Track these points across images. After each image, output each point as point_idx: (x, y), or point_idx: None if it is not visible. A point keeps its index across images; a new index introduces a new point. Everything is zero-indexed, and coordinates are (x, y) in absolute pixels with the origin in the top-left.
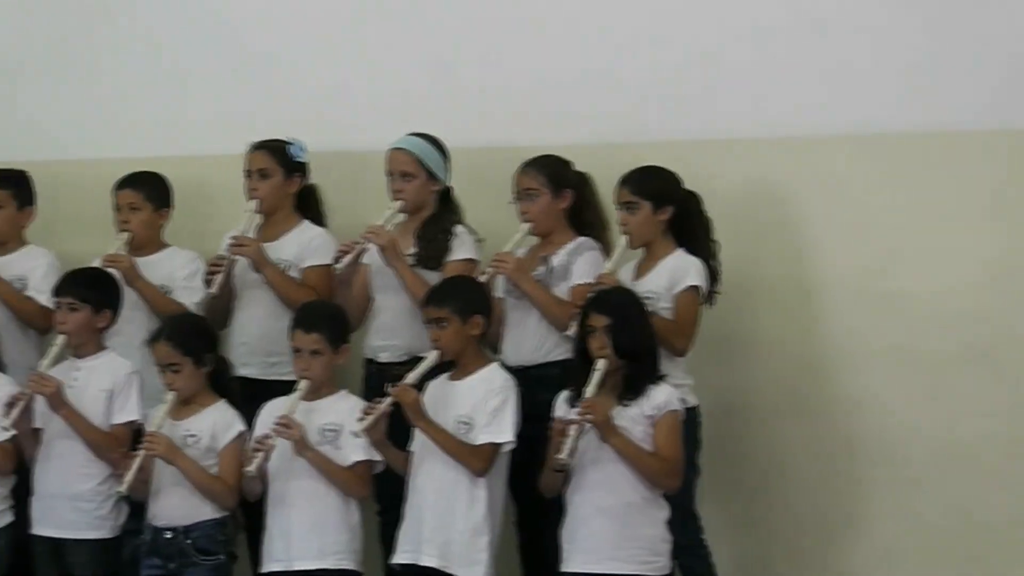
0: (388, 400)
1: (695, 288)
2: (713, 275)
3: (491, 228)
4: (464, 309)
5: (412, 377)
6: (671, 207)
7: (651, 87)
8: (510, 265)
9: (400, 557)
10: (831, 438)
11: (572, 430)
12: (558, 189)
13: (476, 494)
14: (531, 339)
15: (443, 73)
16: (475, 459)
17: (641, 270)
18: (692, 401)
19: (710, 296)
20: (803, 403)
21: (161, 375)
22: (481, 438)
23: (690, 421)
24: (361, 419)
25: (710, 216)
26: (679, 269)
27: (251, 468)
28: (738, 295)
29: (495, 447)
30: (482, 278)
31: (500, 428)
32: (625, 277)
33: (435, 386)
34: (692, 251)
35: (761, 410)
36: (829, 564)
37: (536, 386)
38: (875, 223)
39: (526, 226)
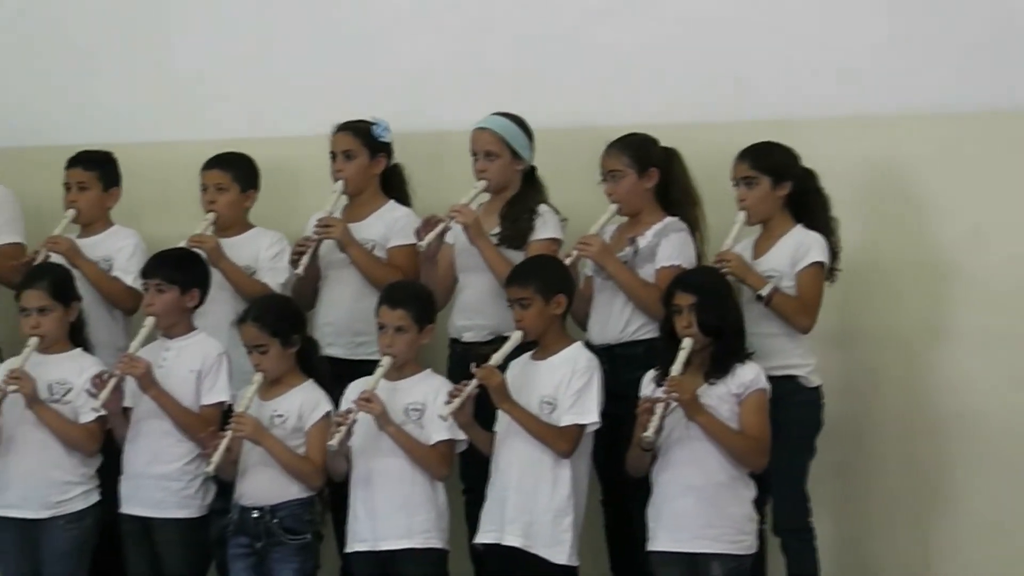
0: (473, 382)
1: (819, 264)
2: (833, 252)
3: (574, 208)
4: (547, 289)
5: (496, 358)
6: (790, 182)
7: (746, 64)
8: (594, 247)
9: (483, 536)
10: (920, 417)
11: (658, 408)
12: (643, 168)
13: (560, 474)
14: (617, 318)
15: (526, 52)
16: (560, 441)
17: (760, 247)
18: (815, 381)
19: (831, 273)
20: (901, 384)
21: (249, 356)
22: (565, 419)
23: (811, 402)
24: (448, 402)
25: (827, 194)
26: (802, 245)
27: (333, 443)
28: (851, 277)
29: (580, 428)
30: (567, 260)
31: (585, 409)
32: (743, 255)
33: (518, 365)
34: (811, 228)
35: (861, 390)
36: (925, 542)
37: (621, 365)
38: (1005, 202)
39: (613, 207)
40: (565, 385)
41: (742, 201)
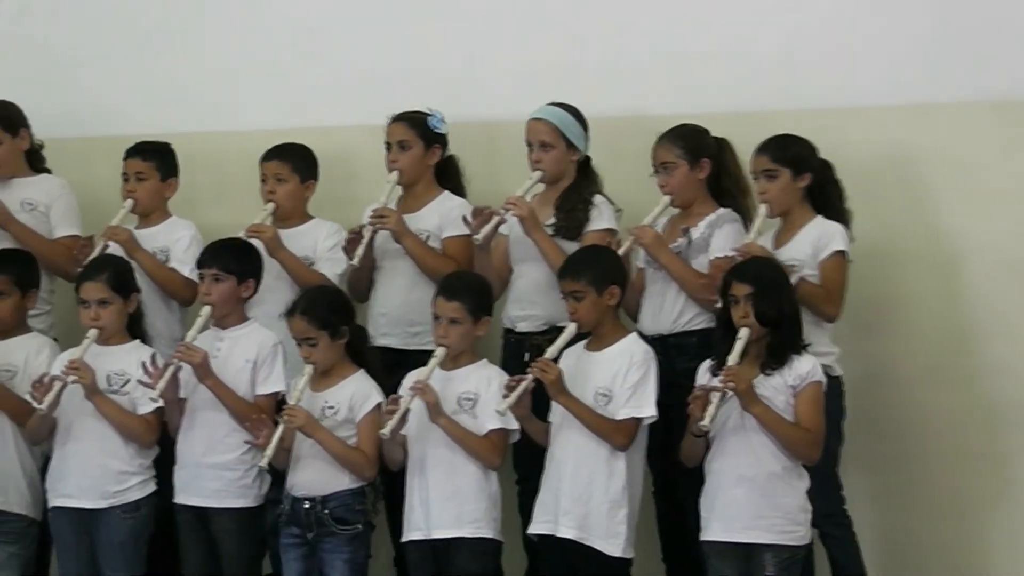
0: (530, 376)
1: (842, 253)
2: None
3: (628, 198)
4: (600, 280)
5: (551, 352)
6: (809, 174)
7: (785, 55)
8: (647, 238)
9: (537, 528)
10: (972, 408)
11: (714, 397)
12: (695, 159)
13: (615, 466)
14: (670, 308)
15: (580, 42)
16: (617, 434)
17: (781, 239)
18: (837, 371)
19: None
20: (943, 373)
21: (299, 348)
22: (623, 412)
23: (834, 390)
24: (505, 396)
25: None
26: (823, 235)
27: (385, 431)
28: (876, 265)
29: (637, 422)
30: (620, 251)
31: (642, 402)
32: (765, 246)
33: (572, 356)
34: (828, 219)
35: (901, 380)
36: (969, 533)
37: (674, 355)
38: (1015, 190)
39: (666, 199)
40: (622, 377)
41: (763, 194)
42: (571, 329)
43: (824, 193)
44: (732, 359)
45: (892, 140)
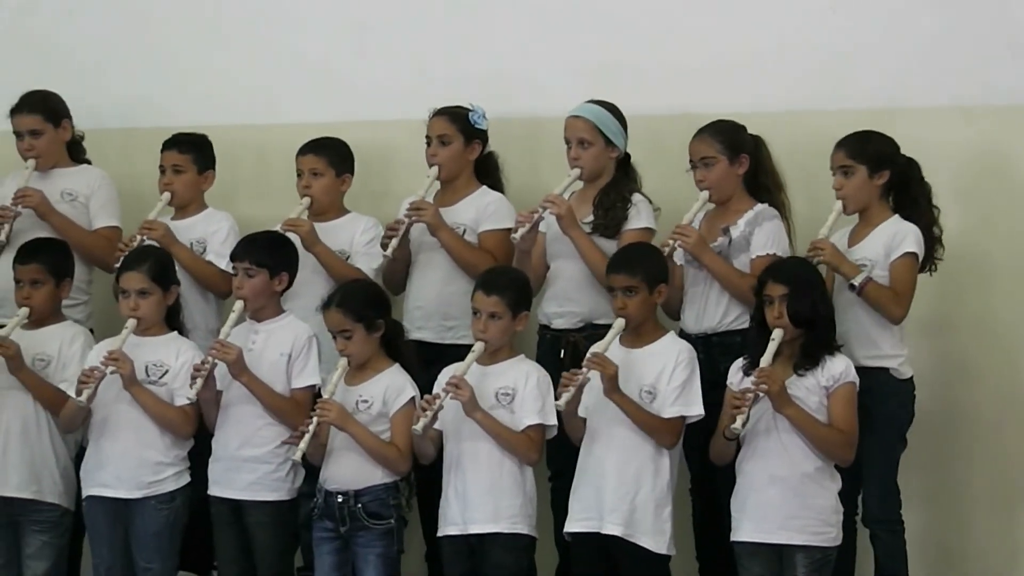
0: (586, 372)
1: (913, 255)
2: (934, 242)
3: (666, 196)
4: (653, 277)
5: (602, 346)
6: (887, 171)
7: (843, 51)
8: (692, 238)
9: (578, 525)
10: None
11: (747, 399)
12: (735, 155)
13: (661, 464)
14: (714, 308)
15: (621, 39)
16: (666, 432)
17: (855, 236)
18: (907, 372)
19: (930, 263)
20: (997, 376)
21: (334, 341)
22: (670, 411)
23: (903, 392)
24: (563, 392)
25: (929, 184)
26: (896, 235)
27: (417, 427)
28: (958, 269)
29: (683, 420)
30: (665, 250)
31: (690, 401)
32: (839, 244)
33: (613, 354)
34: (913, 218)
35: (956, 381)
36: (1016, 537)
37: (718, 354)
38: None
39: (704, 195)
40: (668, 376)
41: (839, 190)
42: (620, 324)
43: (909, 192)
44: (765, 360)
45: (950, 140)
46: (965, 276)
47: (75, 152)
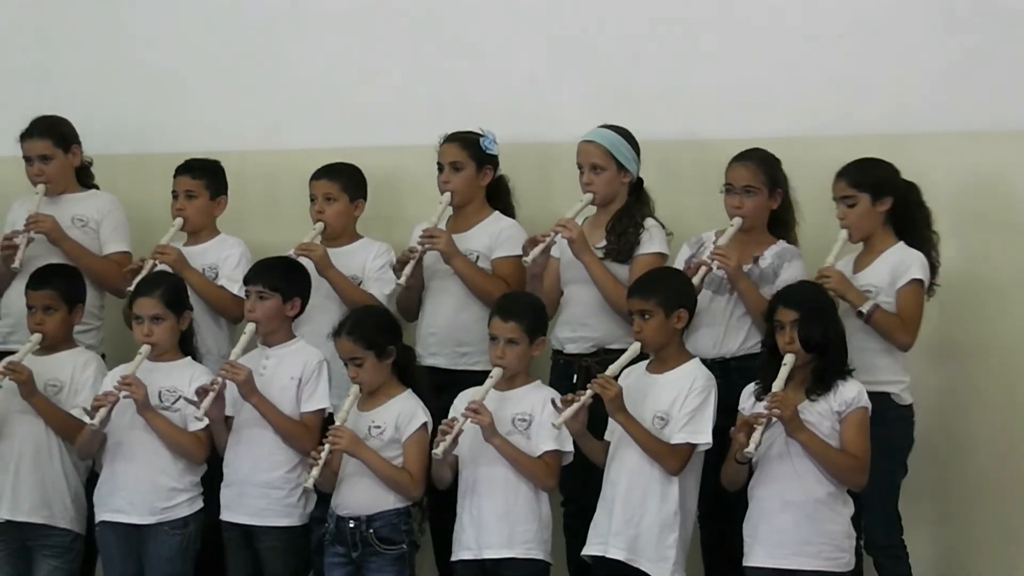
0: (588, 392)
1: (919, 282)
2: (932, 267)
3: (679, 221)
4: (669, 302)
5: (613, 369)
6: (890, 198)
7: (844, 80)
8: (734, 262)
9: (590, 548)
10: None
11: (759, 423)
12: (773, 188)
13: (668, 490)
14: (735, 333)
15: (634, 64)
16: (671, 458)
17: (860, 263)
18: (907, 399)
19: (930, 288)
20: (1000, 400)
21: (346, 368)
22: (678, 437)
23: (903, 419)
24: (559, 410)
25: (929, 208)
26: (902, 262)
27: (438, 451)
28: (955, 294)
29: (691, 447)
30: (697, 274)
31: (699, 429)
32: (844, 270)
33: (632, 377)
34: (912, 243)
35: (959, 406)
36: (1017, 561)
37: (736, 379)
38: None
39: (738, 221)
40: (681, 402)
41: (843, 219)
42: (634, 348)
43: (909, 216)
44: (777, 385)
45: (953, 165)
46: (968, 300)
47: (83, 177)
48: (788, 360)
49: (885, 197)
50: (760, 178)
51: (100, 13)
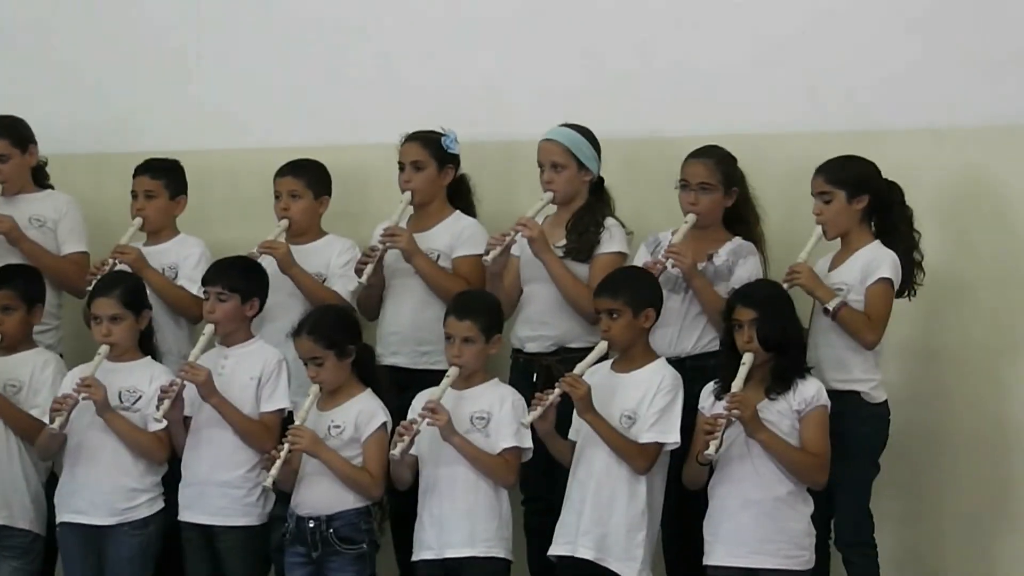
0: (556, 391)
1: (887, 281)
2: (914, 267)
3: (640, 220)
4: (638, 301)
5: (581, 368)
6: (867, 196)
7: (820, 75)
8: (688, 260)
9: (557, 548)
10: (1003, 434)
11: (719, 424)
12: (729, 186)
13: (636, 489)
14: (690, 331)
15: (596, 64)
16: (639, 458)
17: (836, 261)
18: (880, 396)
19: (909, 288)
20: (974, 399)
21: (305, 368)
22: (646, 436)
23: (876, 417)
24: (531, 410)
25: (912, 208)
26: (873, 260)
27: (395, 452)
28: (938, 293)
29: (659, 446)
30: (657, 268)
31: (667, 428)
32: (820, 268)
33: (599, 376)
34: (891, 242)
35: (934, 405)
36: (991, 560)
37: (690, 378)
38: None
39: (692, 218)
40: (648, 401)
41: (819, 215)
42: (602, 347)
43: (889, 216)
44: (736, 385)
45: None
46: (944, 300)
47: (38, 177)
48: (747, 359)
49: (862, 195)
50: (716, 175)
51: (57, 11)
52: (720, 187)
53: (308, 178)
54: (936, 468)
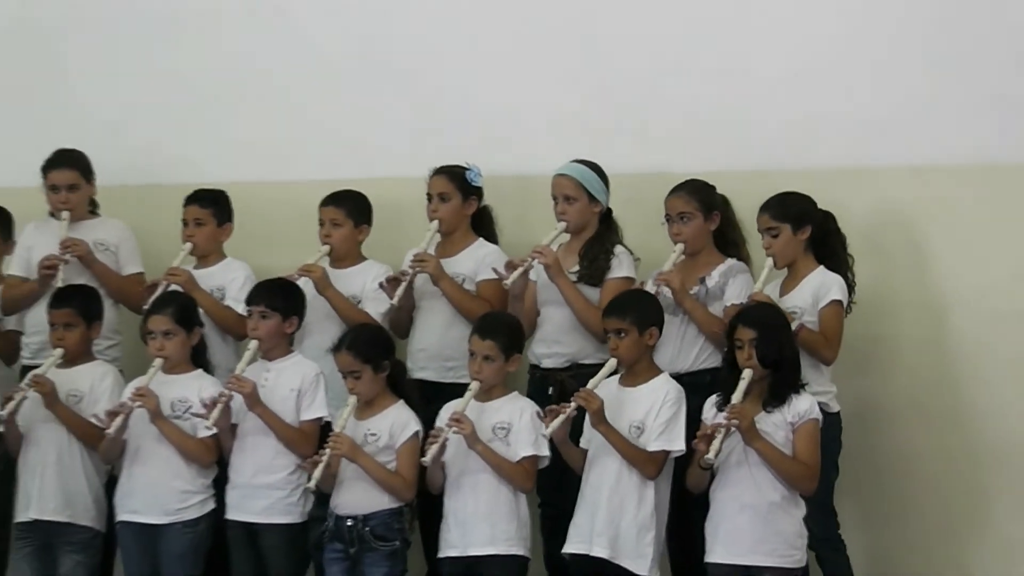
0: (573, 404)
1: (839, 302)
2: (849, 287)
3: (645, 247)
4: (643, 321)
5: (593, 383)
6: (809, 226)
7: (786, 121)
8: (675, 285)
9: (572, 547)
10: (957, 443)
11: (719, 433)
12: (709, 212)
13: (645, 493)
14: (690, 349)
15: (602, 104)
16: (649, 464)
17: (786, 287)
18: (835, 407)
19: (847, 306)
20: (932, 411)
21: (344, 380)
22: (654, 445)
23: (833, 425)
24: (549, 421)
25: (844, 233)
26: (823, 285)
27: (426, 458)
28: (871, 311)
29: (666, 454)
30: (652, 290)
31: (673, 437)
32: (771, 294)
33: (608, 391)
34: (831, 265)
35: (894, 417)
36: (952, 559)
37: (688, 392)
38: (998, 248)
39: (680, 246)
40: (655, 413)
41: (768, 248)
42: (611, 364)
43: (827, 242)
44: (736, 398)
45: (891, 198)
46: (878, 319)
47: (91, 206)
48: (746, 375)
49: (805, 226)
50: (692, 203)
51: (113, 53)
52: (699, 214)
53: (348, 208)
54: (891, 474)
